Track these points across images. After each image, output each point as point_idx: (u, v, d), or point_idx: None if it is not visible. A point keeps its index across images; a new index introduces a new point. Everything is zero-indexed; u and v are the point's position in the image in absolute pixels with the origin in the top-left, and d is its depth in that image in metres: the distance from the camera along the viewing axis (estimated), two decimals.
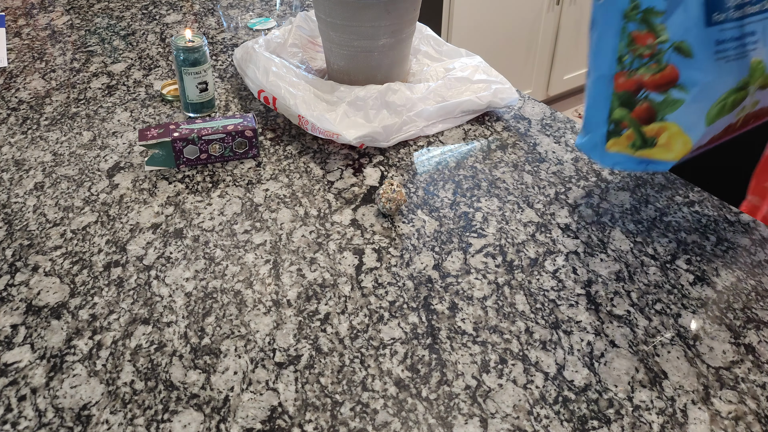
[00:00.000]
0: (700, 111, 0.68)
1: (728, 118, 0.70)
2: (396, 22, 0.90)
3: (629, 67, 0.68)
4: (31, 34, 1.21)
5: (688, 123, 0.69)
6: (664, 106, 0.68)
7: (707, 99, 0.68)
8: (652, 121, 0.69)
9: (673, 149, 0.70)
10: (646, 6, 0.65)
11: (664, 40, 0.66)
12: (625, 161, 0.73)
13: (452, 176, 0.85)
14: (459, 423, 0.56)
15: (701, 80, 0.67)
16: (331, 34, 0.93)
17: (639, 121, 0.70)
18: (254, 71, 0.95)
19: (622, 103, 0.70)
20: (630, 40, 0.67)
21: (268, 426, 0.55)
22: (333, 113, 0.88)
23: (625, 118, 0.70)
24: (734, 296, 0.68)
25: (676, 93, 0.67)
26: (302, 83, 0.92)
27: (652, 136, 0.70)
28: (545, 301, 0.67)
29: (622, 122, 0.71)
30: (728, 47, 0.66)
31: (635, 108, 0.69)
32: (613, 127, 0.71)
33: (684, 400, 0.58)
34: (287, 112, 0.90)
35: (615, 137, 0.72)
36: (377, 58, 0.93)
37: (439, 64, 1.02)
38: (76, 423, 0.56)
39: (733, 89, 0.68)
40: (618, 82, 0.69)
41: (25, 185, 0.83)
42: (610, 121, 0.71)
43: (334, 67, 0.98)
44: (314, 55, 1.06)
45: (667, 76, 0.67)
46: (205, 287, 0.68)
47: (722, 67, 0.67)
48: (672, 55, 0.66)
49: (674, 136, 0.69)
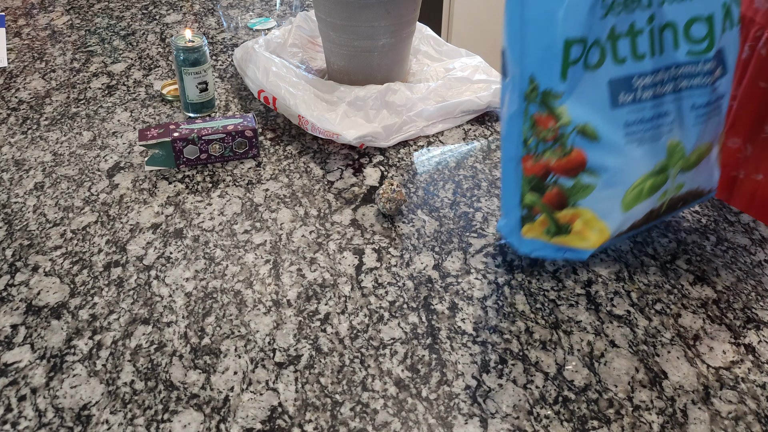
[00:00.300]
0: (615, 196, 0.65)
1: (649, 203, 0.67)
2: (396, 22, 0.90)
3: (535, 151, 0.64)
4: (31, 34, 1.21)
5: (602, 209, 0.65)
6: (574, 192, 0.64)
7: (621, 184, 0.64)
8: (564, 207, 0.65)
9: (588, 237, 0.66)
10: (544, 88, 0.61)
11: (566, 122, 0.62)
12: (542, 248, 0.68)
13: (452, 176, 0.85)
14: (459, 423, 0.56)
15: (611, 164, 0.63)
16: (331, 34, 0.93)
17: (551, 207, 0.65)
18: (254, 71, 0.95)
19: (533, 188, 0.65)
20: (533, 123, 0.63)
21: (268, 426, 0.55)
22: (333, 113, 0.88)
23: (537, 203, 0.66)
24: (734, 296, 0.68)
25: (586, 178, 0.63)
26: (302, 83, 0.92)
27: (566, 222, 0.66)
28: (545, 301, 0.67)
29: (534, 207, 0.66)
30: (639, 129, 0.63)
31: (545, 193, 0.65)
32: (527, 213, 0.67)
33: (684, 400, 0.58)
34: (287, 112, 0.90)
35: (529, 223, 0.67)
36: (377, 58, 0.93)
37: (439, 64, 1.02)
38: (76, 423, 0.56)
39: (649, 173, 0.65)
40: (526, 165, 0.65)
41: (25, 185, 0.83)
42: (522, 206, 0.67)
43: (334, 67, 0.98)
44: (314, 55, 1.06)
45: (574, 161, 0.63)
46: (205, 287, 0.68)
47: (634, 150, 0.63)
48: (576, 138, 0.62)
49: (589, 222, 0.65)
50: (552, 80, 0.60)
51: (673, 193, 0.69)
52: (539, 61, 0.60)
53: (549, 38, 0.59)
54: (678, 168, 0.67)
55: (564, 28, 0.58)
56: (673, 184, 0.68)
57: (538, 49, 0.60)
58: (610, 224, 0.66)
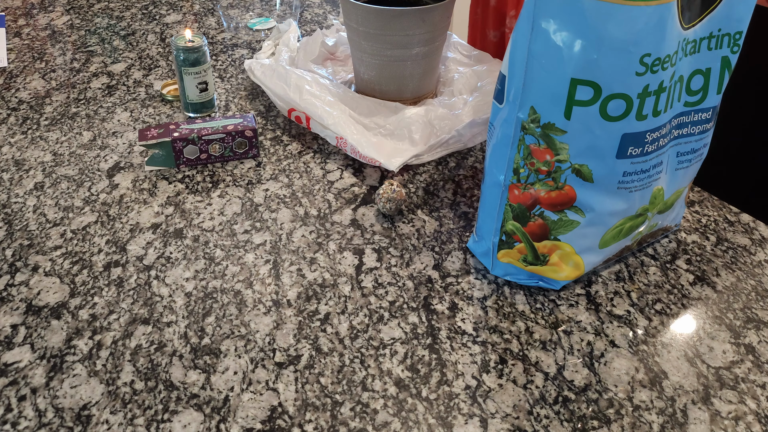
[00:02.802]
0: (595, 235, 0.65)
1: (624, 242, 0.68)
2: (430, 30, 0.88)
3: (525, 181, 0.63)
4: (31, 34, 1.21)
5: (581, 245, 0.66)
6: (558, 226, 0.64)
7: (603, 224, 0.65)
8: (544, 239, 0.65)
9: (563, 269, 0.67)
10: (548, 120, 0.59)
11: (564, 159, 0.61)
12: (516, 273, 0.68)
13: (452, 176, 0.85)
14: (459, 423, 0.56)
15: (599, 208, 0.63)
16: (362, 43, 0.91)
17: (532, 237, 0.66)
18: (284, 89, 0.92)
19: (516, 216, 0.65)
20: (527, 153, 0.62)
21: (268, 426, 0.55)
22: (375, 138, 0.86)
23: (518, 231, 0.66)
24: (734, 296, 0.68)
25: (572, 215, 0.64)
26: (338, 102, 0.90)
27: (544, 253, 0.66)
28: (545, 301, 0.67)
29: (514, 235, 0.66)
30: (634, 179, 0.63)
31: (528, 223, 0.65)
32: (505, 238, 0.67)
33: (684, 400, 0.58)
34: (322, 132, 0.88)
35: (506, 248, 0.67)
36: (410, 67, 0.92)
37: (469, 69, 1.01)
38: (76, 423, 0.56)
39: (631, 216, 0.66)
40: (513, 193, 0.64)
41: (25, 185, 0.83)
42: (502, 232, 0.67)
43: (363, 77, 0.95)
44: (336, 69, 1.05)
45: (564, 197, 0.63)
46: (205, 287, 0.68)
47: (623, 196, 0.64)
48: (570, 176, 0.62)
49: (566, 256, 0.66)
50: (555, 116, 0.59)
51: (646, 231, 0.70)
52: (543, 93, 0.59)
53: (553, 74, 0.57)
54: (656, 211, 0.68)
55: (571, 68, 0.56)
56: (648, 225, 0.69)
57: (542, 82, 0.58)
58: (586, 260, 0.67)
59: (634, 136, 0.60)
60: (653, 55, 0.56)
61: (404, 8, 0.85)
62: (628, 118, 0.59)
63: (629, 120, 0.59)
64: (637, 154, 0.61)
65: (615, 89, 0.57)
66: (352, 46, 0.94)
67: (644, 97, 0.58)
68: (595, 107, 0.58)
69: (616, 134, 0.59)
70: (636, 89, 0.57)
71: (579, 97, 0.57)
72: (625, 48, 0.55)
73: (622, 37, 0.55)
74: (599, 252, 0.67)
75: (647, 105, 0.59)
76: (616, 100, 0.57)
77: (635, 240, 0.70)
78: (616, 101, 0.57)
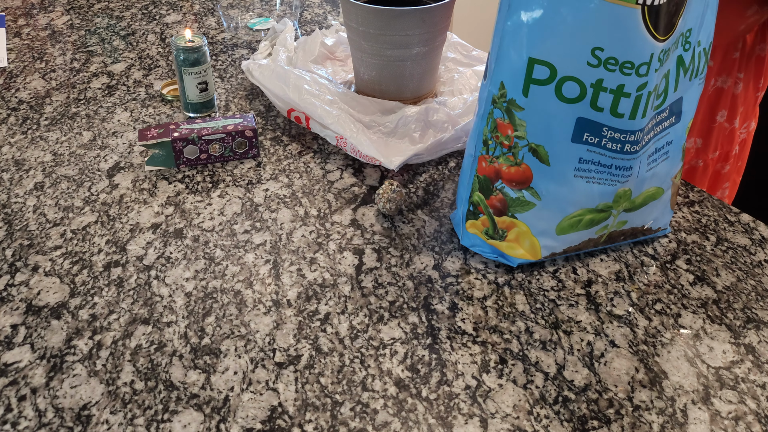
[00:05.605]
0: (551, 220, 0.67)
1: (586, 234, 0.69)
2: (430, 30, 0.88)
3: (492, 153, 0.66)
4: (31, 34, 1.21)
5: (537, 227, 0.67)
6: (515, 204, 0.67)
7: (559, 211, 0.66)
8: (503, 214, 0.68)
9: (519, 248, 0.68)
10: (511, 96, 0.62)
11: (522, 135, 0.63)
12: (481, 245, 0.71)
13: (452, 176, 0.85)
14: (459, 423, 0.56)
15: (553, 191, 0.65)
16: (362, 43, 0.91)
17: (493, 211, 0.68)
18: (283, 89, 0.92)
19: (481, 188, 0.68)
20: (494, 126, 0.65)
21: (268, 426, 0.55)
22: (375, 136, 0.86)
23: (482, 203, 0.68)
24: (734, 296, 0.68)
25: (528, 195, 0.66)
26: (338, 101, 0.90)
27: (503, 228, 0.68)
28: (545, 301, 0.67)
29: (479, 206, 0.69)
30: (591, 169, 0.64)
31: (491, 197, 0.67)
32: (473, 209, 0.70)
33: (684, 400, 0.58)
34: (322, 132, 0.88)
35: (473, 219, 0.70)
36: (409, 67, 0.92)
37: (469, 69, 1.01)
38: (76, 423, 0.56)
39: (590, 209, 0.67)
40: (480, 165, 0.67)
41: (25, 185, 0.83)
42: (470, 202, 0.70)
43: (363, 77, 0.95)
44: (335, 69, 1.05)
45: (522, 175, 0.65)
46: (205, 287, 0.68)
47: (581, 186, 0.65)
48: (527, 155, 0.64)
49: (523, 235, 0.68)
50: (516, 92, 0.62)
51: (615, 227, 0.70)
52: (509, 70, 0.62)
53: (517, 51, 0.60)
54: (621, 209, 0.69)
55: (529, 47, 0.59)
56: (615, 221, 0.69)
57: (509, 59, 0.61)
58: (543, 242, 0.68)
59: (590, 123, 0.62)
60: (608, 52, 0.58)
61: (404, 8, 0.85)
62: (583, 103, 0.61)
63: (584, 105, 0.61)
64: (593, 142, 0.63)
65: (568, 72, 0.60)
66: (352, 46, 0.94)
67: (598, 90, 0.60)
68: (551, 87, 0.60)
69: (571, 116, 0.62)
70: (589, 79, 0.60)
71: (536, 76, 0.60)
72: (575, 34, 0.58)
73: (572, 23, 0.57)
74: (557, 238, 0.68)
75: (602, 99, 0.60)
76: (570, 82, 0.60)
77: (601, 235, 0.70)
78: (570, 83, 0.60)
